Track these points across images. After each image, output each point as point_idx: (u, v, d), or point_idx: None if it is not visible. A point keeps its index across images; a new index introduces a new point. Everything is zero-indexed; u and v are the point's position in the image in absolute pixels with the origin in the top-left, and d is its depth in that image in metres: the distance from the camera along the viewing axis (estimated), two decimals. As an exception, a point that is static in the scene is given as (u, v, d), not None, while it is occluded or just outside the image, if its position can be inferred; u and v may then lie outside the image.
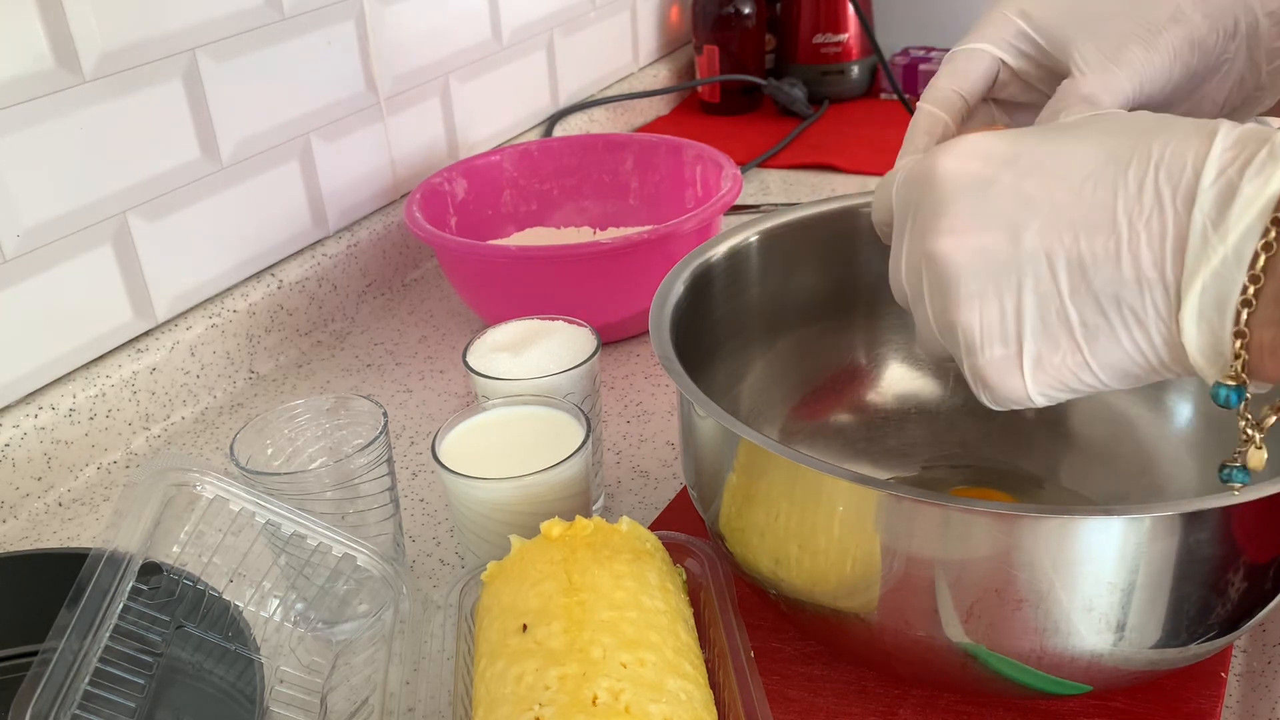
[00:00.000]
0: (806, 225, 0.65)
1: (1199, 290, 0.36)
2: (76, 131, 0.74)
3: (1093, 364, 0.39)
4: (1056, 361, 0.40)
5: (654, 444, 0.76)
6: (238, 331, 0.87)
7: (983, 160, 0.40)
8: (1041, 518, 0.42)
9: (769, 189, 1.18)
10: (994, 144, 0.41)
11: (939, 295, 0.41)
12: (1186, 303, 0.36)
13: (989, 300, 0.40)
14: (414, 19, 1.02)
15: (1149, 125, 0.38)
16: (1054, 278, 0.39)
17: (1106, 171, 0.38)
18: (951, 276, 0.40)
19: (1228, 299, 0.36)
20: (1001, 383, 0.41)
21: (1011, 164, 0.40)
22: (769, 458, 0.48)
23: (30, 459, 0.73)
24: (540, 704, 0.43)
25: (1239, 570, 0.44)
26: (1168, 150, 0.37)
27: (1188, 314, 0.37)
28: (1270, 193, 0.35)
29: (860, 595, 0.47)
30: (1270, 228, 0.35)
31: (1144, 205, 0.37)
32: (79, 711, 0.43)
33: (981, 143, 0.41)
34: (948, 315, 0.41)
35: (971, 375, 0.42)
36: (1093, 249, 0.38)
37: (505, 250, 0.85)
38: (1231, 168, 0.36)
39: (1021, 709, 0.52)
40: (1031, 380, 0.40)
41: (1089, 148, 0.39)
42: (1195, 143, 0.37)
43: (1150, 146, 0.37)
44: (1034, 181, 0.39)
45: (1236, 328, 0.36)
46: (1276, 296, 0.35)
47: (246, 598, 0.56)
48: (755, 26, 1.37)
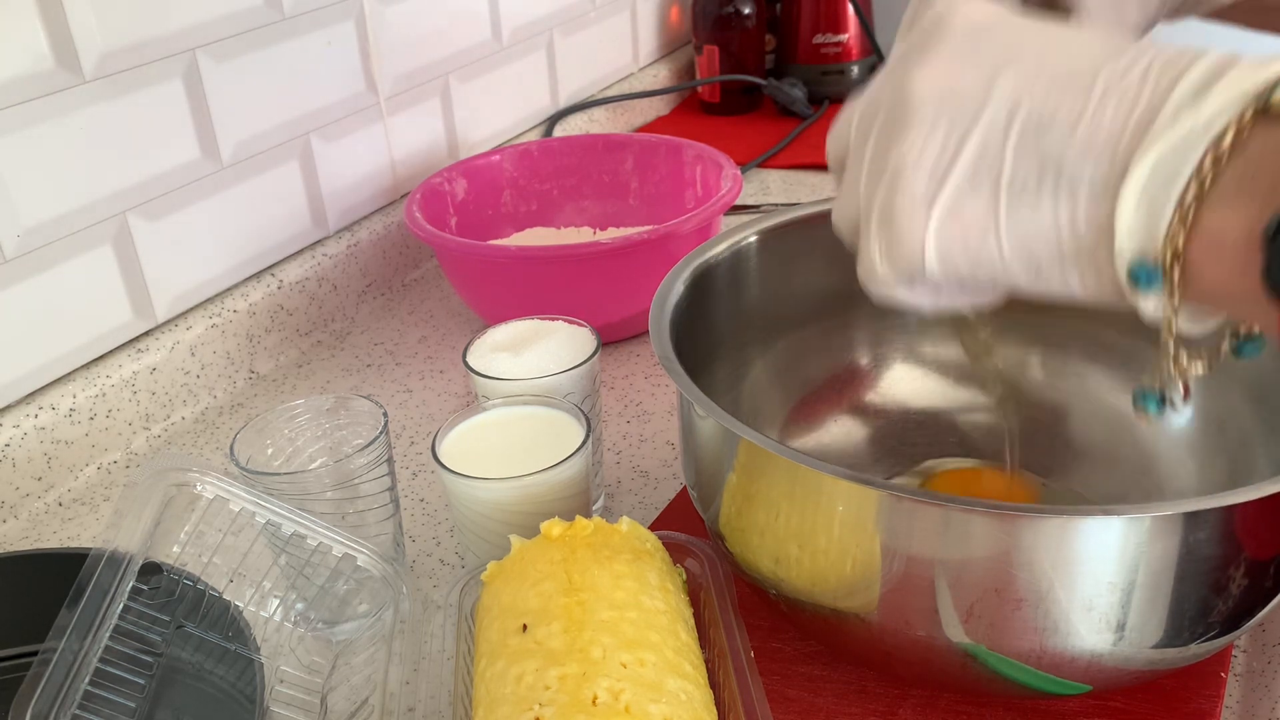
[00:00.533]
0: (806, 225, 0.65)
1: (1151, 162, 0.34)
2: (76, 131, 0.74)
3: (1003, 226, 0.37)
4: (967, 214, 0.37)
5: (654, 444, 0.76)
6: (238, 331, 0.87)
7: (984, 13, 0.39)
8: (1041, 517, 0.42)
9: (769, 189, 1.18)
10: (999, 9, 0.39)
11: (888, 128, 0.39)
12: (1132, 175, 0.34)
13: (936, 132, 0.38)
14: (414, 19, 1.02)
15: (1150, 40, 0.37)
16: (1007, 126, 0.37)
17: (1101, 46, 0.36)
18: (912, 106, 0.38)
19: (1180, 172, 0.33)
20: (905, 220, 0.38)
21: (1010, 20, 0.38)
22: (769, 458, 0.48)
23: (30, 459, 0.73)
24: (540, 704, 0.43)
25: (1238, 569, 0.44)
26: (1171, 49, 0.35)
27: (1130, 187, 0.34)
28: (1262, 76, 0.33)
29: (860, 595, 0.47)
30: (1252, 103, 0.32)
31: (1127, 78, 0.35)
32: (79, 711, 0.43)
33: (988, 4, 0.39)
34: (889, 147, 0.39)
35: (880, 213, 0.39)
36: (1056, 107, 0.36)
37: (505, 250, 0.85)
38: (1228, 62, 0.33)
39: (1021, 709, 0.52)
40: (935, 226, 0.38)
41: (1090, 36, 0.37)
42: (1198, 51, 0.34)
43: (1154, 46, 0.35)
44: (1028, 38, 0.37)
45: (1181, 208, 0.33)
46: (1239, 177, 0.32)
47: (246, 598, 0.56)
48: (755, 26, 1.37)
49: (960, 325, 0.56)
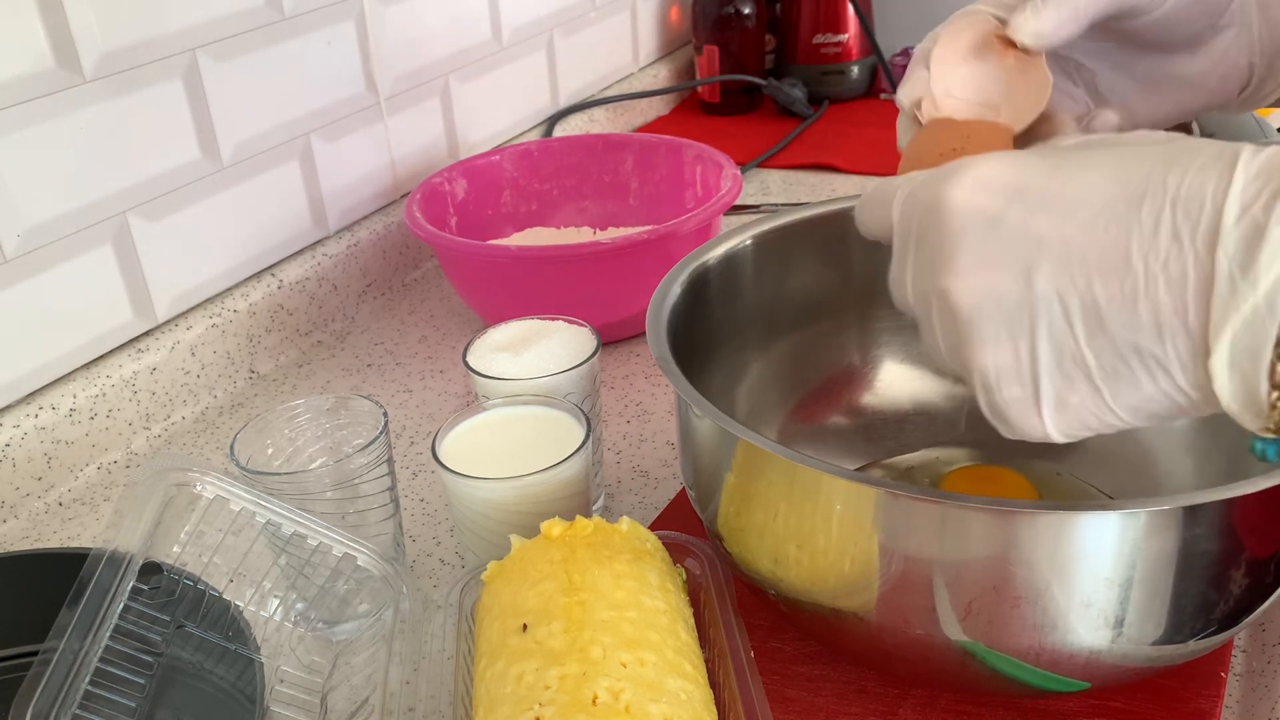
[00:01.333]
0: (802, 228, 0.65)
1: (1229, 340, 0.34)
2: (76, 131, 0.74)
3: (1115, 407, 0.38)
4: (1076, 403, 0.38)
5: (654, 444, 0.76)
6: (238, 331, 0.87)
7: (990, 194, 0.39)
8: (1038, 514, 0.42)
9: (769, 189, 1.18)
10: (1001, 174, 0.39)
11: (951, 333, 0.40)
12: (1216, 351, 0.34)
13: (1003, 343, 0.39)
14: (414, 19, 1.02)
15: (1163, 153, 0.36)
16: (1068, 322, 0.37)
17: (1119, 207, 0.36)
18: (963, 318, 0.39)
19: (1262, 349, 0.33)
20: (1021, 421, 0.40)
21: (1020, 198, 0.38)
22: (766, 457, 0.48)
23: (30, 459, 0.73)
24: (540, 704, 0.43)
25: (1237, 565, 0.44)
26: (1184, 184, 0.35)
27: (1218, 362, 0.34)
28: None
29: (859, 594, 0.47)
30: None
31: (1160, 246, 0.35)
32: (79, 711, 0.43)
33: (988, 172, 0.39)
34: (960, 353, 0.40)
35: (989, 411, 0.41)
36: (1108, 292, 0.36)
37: (505, 250, 0.85)
38: (1256, 205, 0.33)
39: (1021, 709, 0.52)
40: (1051, 421, 0.39)
41: (1100, 179, 0.37)
42: (1214, 175, 0.34)
43: (1165, 179, 0.35)
44: (1044, 218, 0.37)
45: (1273, 380, 0.34)
46: None
47: (247, 598, 0.56)
48: (755, 26, 1.37)
49: None
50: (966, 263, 0.39)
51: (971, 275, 0.39)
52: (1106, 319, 0.36)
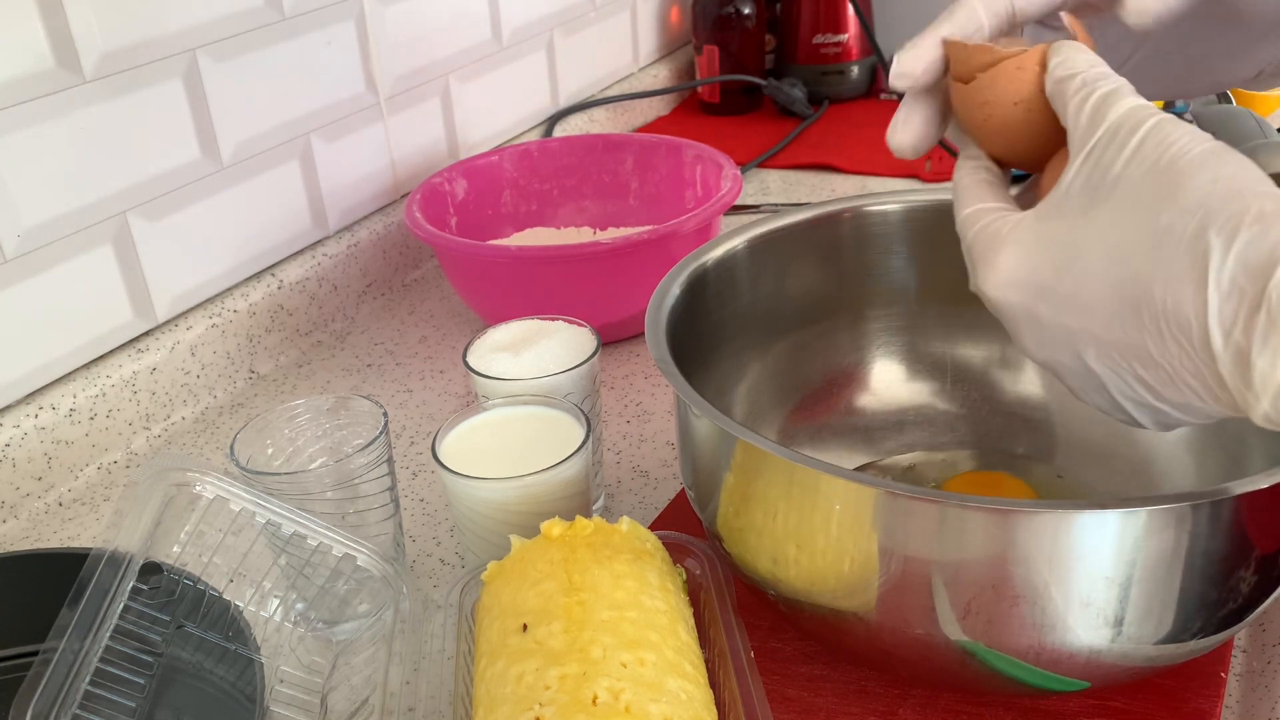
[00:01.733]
0: (802, 228, 0.65)
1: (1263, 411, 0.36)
2: (76, 131, 0.74)
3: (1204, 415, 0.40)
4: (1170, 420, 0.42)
5: (654, 444, 0.76)
6: (238, 331, 0.87)
7: (1019, 293, 0.42)
8: (1037, 513, 0.42)
9: (769, 189, 1.18)
10: (1019, 273, 0.42)
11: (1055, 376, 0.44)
12: (1254, 414, 0.36)
13: (1090, 392, 0.43)
14: (414, 19, 1.02)
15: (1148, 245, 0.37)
16: (1131, 388, 0.40)
17: (1125, 311, 0.38)
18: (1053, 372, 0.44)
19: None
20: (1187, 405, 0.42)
21: (1043, 297, 0.41)
22: (765, 457, 0.48)
23: (30, 459, 0.73)
24: (540, 704, 0.43)
25: (1236, 565, 0.44)
26: (1169, 297, 0.37)
27: (1255, 416, 0.36)
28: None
29: (858, 594, 0.47)
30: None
31: (1170, 351, 0.37)
32: (79, 711, 0.43)
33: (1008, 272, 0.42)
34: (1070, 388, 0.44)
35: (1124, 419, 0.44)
36: (1149, 375, 0.39)
37: (505, 250, 0.85)
38: (1236, 329, 0.35)
39: (1021, 709, 0.52)
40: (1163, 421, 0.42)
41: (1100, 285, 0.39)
42: (1190, 291, 0.36)
43: (1151, 289, 0.37)
44: (1070, 318, 0.41)
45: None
46: None
47: (247, 598, 0.56)
48: (755, 26, 1.37)
49: None
50: (1030, 342, 0.43)
51: (1040, 350, 0.43)
52: (1158, 391, 0.39)
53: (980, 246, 0.44)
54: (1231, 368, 0.35)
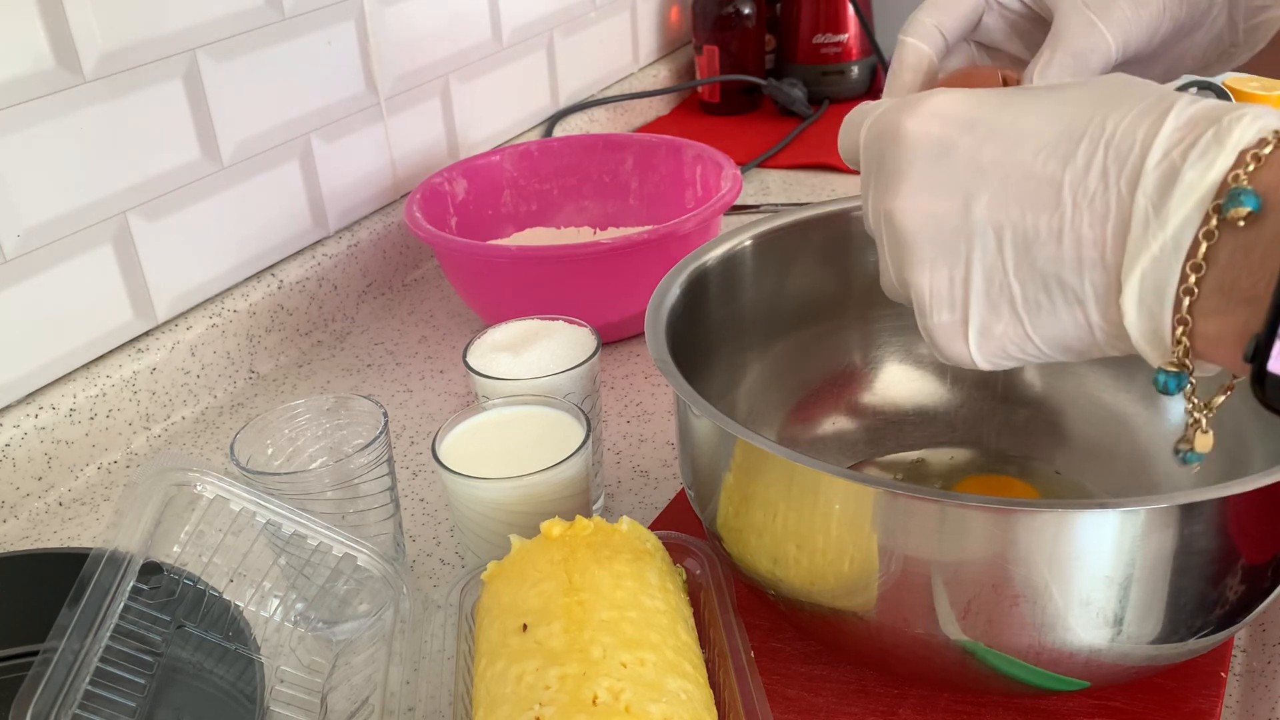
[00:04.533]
0: (801, 229, 0.65)
1: (1139, 277, 0.36)
2: (76, 131, 0.74)
3: (1034, 337, 0.40)
4: (999, 331, 0.40)
5: (654, 444, 0.76)
6: (238, 331, 0.87)
7: (943, 123, 0.40)
8: (1036, 512, 0.42)
9: (769, 189, 1.18)
10: (956, 106, 0.40)
11: (896, 253, 0.42)
12: (1127, 288, 0.36)
13: (939, 266, 0.40)
14: (414, 19, 1.02)
15: (1109, 94, 0.38)
16: (1000, 251, 0.39)
17: (1060, 145, 0.37)
18: (905, 239, 0.41)
19: (1166, 287, 0.35)
20: (948, 346, 0.42)
21: (970, 129, 0.40)
22: (765, 457, 0.48)
23: (31, 459, 0.73)
24: (540, 704, 0.43)
25: (1236, 564, 0.44)
26: (1120, 127, 0.36)
27: (1128, 299, 0.36)
28: (1210, 179, 0.34)
29: (858, 594, 0.47)
30: (1210, 214, 0.34)
31: (1090, 184, 0.37)
32: (79, 711, 0.43)
33: (944, 104, 0.41)
34: (902, 274, 0.42)
35: (923, 333, 0.43)
36: (1037, 225, 0.38)
37: (505, 250, 0.85)
38: (1176, 150, 0.35)
39: (1022, 709, 0.52)
40: (975, 348, 0.41)
41: (1047, 118, 0.38)
42: (1148, 121, 0.36)
43: (1105, 121, 0.37)
44: (990, 149, 0.39)
45: (1177, 315, 0.35)
46: (1219, 287, 0.35)
47: (247, 598, 0.56)
48: (755, 26, 1.37)
49: None
50: (913, 187, 0.40)
51: (917, 199, 0.40)
52: (1034, 250, 0.38)
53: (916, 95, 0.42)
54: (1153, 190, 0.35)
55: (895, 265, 0.42)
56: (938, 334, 0.42)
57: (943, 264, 0.40)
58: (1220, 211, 0.34)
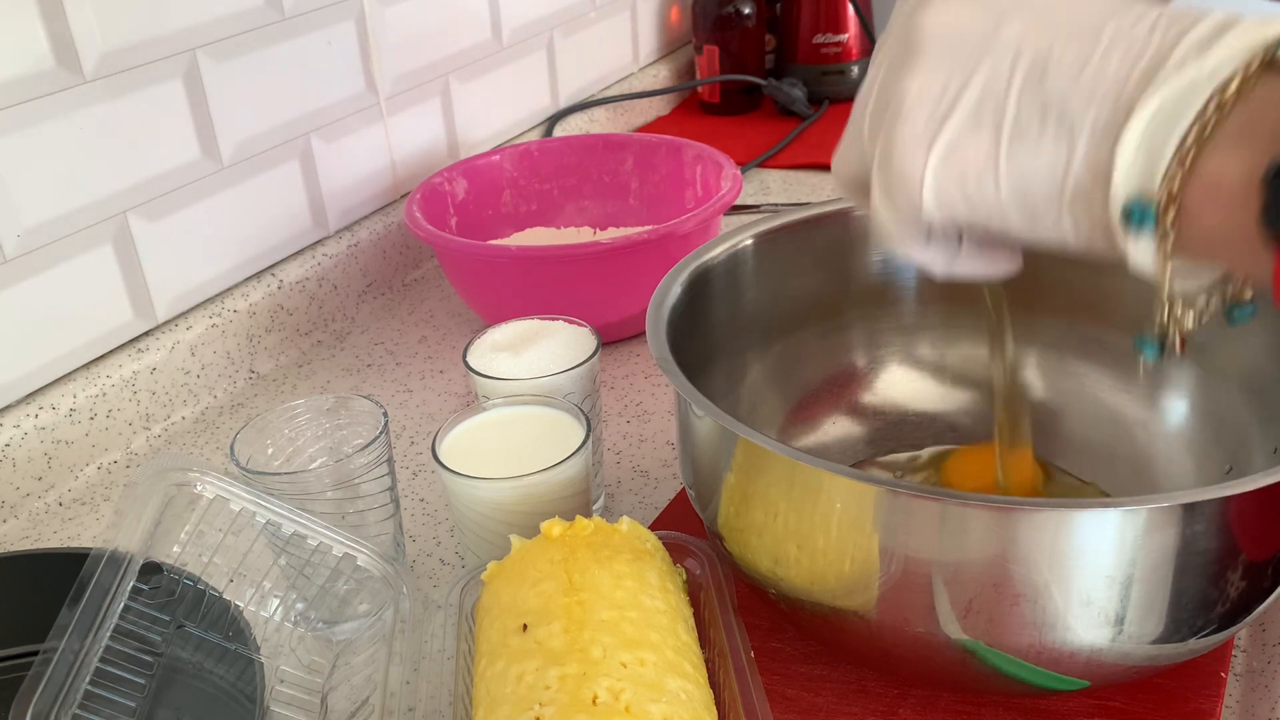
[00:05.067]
0: (802, 228, 0.65)
1: (1154, 106, 0.34)
2: (76, 131, 0.74)
3: (1002, 167, 0.37)
4: (967, 153, 0.38)
5: (654, 444, 0.76)
6: (238, 331, 0.87)
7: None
8: (1037, 511, 0.42)
9: (769, 189, 1.18)
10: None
11: (898, 62, 0.40)
12: (1134, 119, 0.34)
13: (938, 72, 0.38)
14: (414, 19, 1.02)
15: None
16: (1011, 70, 0.37)
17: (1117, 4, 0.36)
18: (920, 41, 0.39)
19: (1180, 118, 0.33)
20: (905, 157, 0.39)
21: None
22: (766, 456, 0.48)
23: (30, 459, 0.73)
24: (540, 704, 0.43)
25: (1236, 564, 0.44)
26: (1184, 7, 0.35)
27: (1130, 132, 0.34)
28: (1275, 30, 0.33)
29: (859, 593, 0.47)
30: (1257, 56, 0.32)
31: (1136, 29, 0.35)
32: (79, 711, 0.43)
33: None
34: (895, 81, 0.40)
35: (883, 148, 0.40)
36: (1063, 54, 0.36)
37: (505, 250, 0.85)
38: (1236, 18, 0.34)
39: (1022, 708, 0.52)
40: (932, 167, 0.39)
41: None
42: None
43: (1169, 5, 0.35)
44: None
45: (1180, 153, 0.33)
46: (1241, 126, 0.33)
47: (247, 597, 0.56)
48: (755, 26, 1.37)
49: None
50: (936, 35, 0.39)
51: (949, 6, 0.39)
52: (1048, 75, 0.36)
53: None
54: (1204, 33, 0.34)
55: (889, 77, 0.40)
56: (900, 141, 0.39)
57: (944, 71, 0.38)
58: (1271, 52, 0.32)
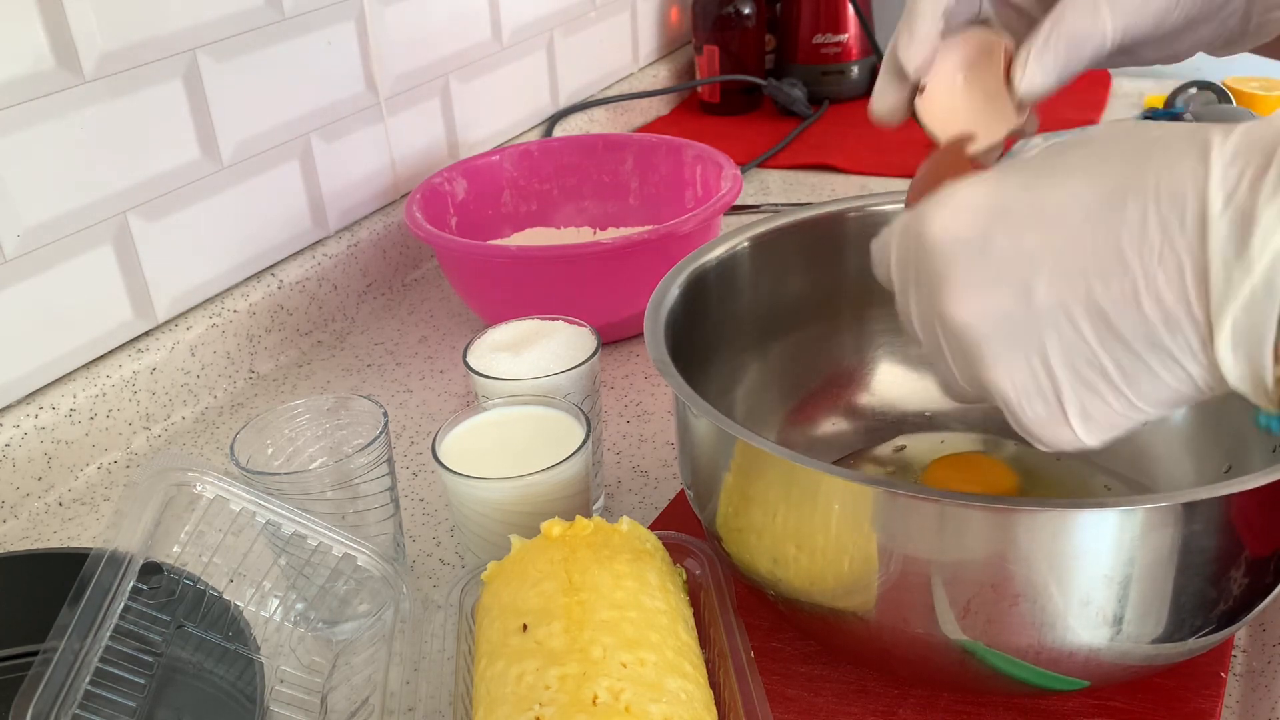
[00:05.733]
0: (801, 229, 0.65)
1: (1229, 325, 0.35)
2: (76, 131, 0.74)
3: (1138, 403, 0.38)
4: (1102, 407, 0.38)
5: (654, 444, 0.76)
6: (238, 331, 0.87)
7: (971, 216, 0.39)
8: (1036, 511, 0.42)
9: (769, 189, 1.18)
10: (979, 197, 0.39)
11: (963, 359, 0.41)
12: (1219, 337, 0.35)
13: (1016, 362, 0.39)
14: (414, 19, 1.02)
15: (1133, 148, 0.37)
16: (1076, 329, 0.37)
17: (1103, 211, 0.36)
18: (971, 342, 0.39)
19: (1263, 330, 0.34)
20: (1053, 436, 0.40)
21: (1002, 217, 0.38)
22: (765, 457, 0.48)
23: (30, 459, 0.73)
24: (540, 704, 0.43)
25: (1236, 563, 0.44)
26: (1163, 178, 0.35)
27: (1222, 347, 0.35)
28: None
29: (858, 594, 0.47)
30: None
31: (1152, 242, 0.35)
32: (79, 711, 0.43)
33: (965, 199, 0.40)
34: (975, 377, 0.40)
35: (1020, 430, 0.41)
36: (1109, 294, 0.36)
37: (505, 250, 0.85)
38: (1240, 190, 0.34)
39: (1022, 709, 0.52)
40: (1082, 430, 0.39)
41: (1079, 185, 0.37)
42: (1190, 165, 0.35)
43: (1144, 175, 0.36)
44: (1031, 234, 0.38)
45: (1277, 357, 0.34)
46: None
47: (247, 598, 0.56)
48: (755, 26, 1.37)
49: None
50: (961, 287, 0.39)
51: (970, 299, 0.39)
52: (1114, 320, 0.37)
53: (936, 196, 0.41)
54: (1227, 235, 0.34)
55: (964, 370, 0.41)
56: (1037, 428, 0.40)
57: (1019, 358, 0.39)
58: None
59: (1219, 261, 0.34)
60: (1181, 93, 1.14)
